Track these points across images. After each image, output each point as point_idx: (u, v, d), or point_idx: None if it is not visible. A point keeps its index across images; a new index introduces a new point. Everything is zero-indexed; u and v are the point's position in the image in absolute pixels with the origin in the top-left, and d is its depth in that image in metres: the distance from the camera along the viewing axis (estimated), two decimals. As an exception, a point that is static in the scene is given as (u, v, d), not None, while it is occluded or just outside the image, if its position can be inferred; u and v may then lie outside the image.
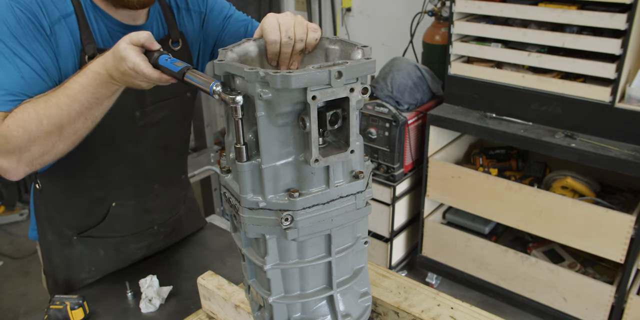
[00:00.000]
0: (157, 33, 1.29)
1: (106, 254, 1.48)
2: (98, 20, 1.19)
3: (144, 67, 0.97)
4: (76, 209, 1.41)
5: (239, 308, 1.13)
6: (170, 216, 1.57)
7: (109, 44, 1.19)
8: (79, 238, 1.43)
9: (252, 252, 0.95)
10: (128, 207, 1.43)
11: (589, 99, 2.25)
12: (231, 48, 0.95)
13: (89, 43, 1.16)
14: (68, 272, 1.47)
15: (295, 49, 0.99)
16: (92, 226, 1.43)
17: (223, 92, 0.85)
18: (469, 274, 2.80)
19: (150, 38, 0.99)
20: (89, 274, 1.48)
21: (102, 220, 1.42)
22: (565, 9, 2.18)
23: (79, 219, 1.42)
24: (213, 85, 0.87)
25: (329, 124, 0.81)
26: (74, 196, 1.39)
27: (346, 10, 3.68)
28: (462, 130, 2.56)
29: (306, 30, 0.99)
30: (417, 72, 2.75)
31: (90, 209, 1.41)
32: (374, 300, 1.19)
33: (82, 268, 1.47)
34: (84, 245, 1.45)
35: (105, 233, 1.45)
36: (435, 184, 2.72)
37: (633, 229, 2.17)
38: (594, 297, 2.40)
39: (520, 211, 2.48)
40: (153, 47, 1.00)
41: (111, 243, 1.47)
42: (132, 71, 0.98)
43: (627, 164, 2.11)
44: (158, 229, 1.55)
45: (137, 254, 1.54)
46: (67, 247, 1.44)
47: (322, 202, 0.85)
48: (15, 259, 3.38)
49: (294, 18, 1.00)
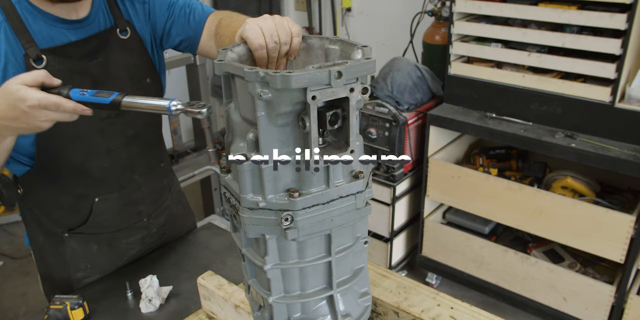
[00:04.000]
0: (104, 23, 1.29)
1: (100, 249, 1.47)
2: (37, 20, 1.18)
3: (55, 99, 0.93)
4: (60, 207, 1.40)
5: (239, 308, 1.13)
6: (157, 206, 1.56)
7: (50, 44, 1.19)
8: (70, 235, 1.42)
9: (252, 252, 0.95)
10: (112, 201, 1.42)
11: (589, 99, 2.25)
12: (231, 48, 0.95)
13: (30, 46, 1.15)
14: (64, 272, 1.46)
15: (281, 52, 0.98)
16: (80, 224, 1.42)
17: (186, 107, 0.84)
18: (469, 274, 2.80)
19: (48, 76, 0.96)
20: (86, 272, 1.48)
21: (88, 216, 1.41)
22: (565, 9, 2.18)
23: (66, 217, 1.41)
24: (170, 104, 0.85)
25: (329, 124, 0.81)
26: (56, 195, 1.38)
27: (346, 10, 3.68)
28: (462, 130, 2.56)
29: (289, 33, 0.97)
30: (417, 72, 2.75)
31: (74, 206, 1.40)
32: (374, 300, 1.19)
33: (78, 266, 1.46)
34: (76, 242, 1.44)
35: (95, 230, 1.44)
36: (435, 184, 2.72)
37: (633, 229, 2.17)
38: (594, 297, 2.40)
39: (520, 211, 2.48)
40: (53, 83, 0.97)
41: (103, 238, 1.46)
42: (34, 110, 0.93)
43: (627, 164, 2.11)
44: (148, 221, 1.54)
45: (132, 249, 1.54)
46: (59, 245, 1.43)
47: (322, 202, 0.85)
48: (15, 259, 3.38)
49: (274, 20, 0.98)
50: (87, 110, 0.98)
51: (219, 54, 0.91)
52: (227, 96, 0.93)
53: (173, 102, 0.87)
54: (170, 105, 0.86)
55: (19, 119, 0.95)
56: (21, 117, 0.95)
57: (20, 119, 0.95)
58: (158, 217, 1.57)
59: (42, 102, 0.93)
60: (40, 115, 0.95)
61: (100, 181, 1.38)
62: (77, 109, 0.97)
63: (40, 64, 1.16)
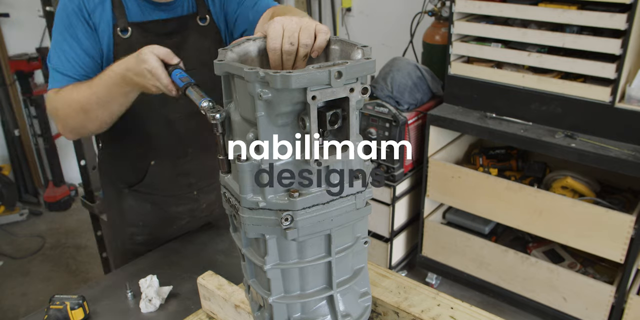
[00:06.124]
0: (187, 8, 1.43)
1: (152, 209, 1.63)
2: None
3: (160, 71, 1.13)
4: (124, 164, 1.59)
5: (239, 308, 1.13)
6: (209, 183, 1.65)
7: (138, 18, 1.37)
8: (129, 191, 1.61)
9: (252, 252, 0.95)
10: (165, 167, 1.56)
11: (589, 99, 2.25)
12: (231, 48, 0.95)
13: (121, 17, 1.34)
14: (121, 225, 1.66)
15: (298, 54, 0.97)
16: (137, 182, 1.59)
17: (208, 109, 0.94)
18: (469, 274, 2.80)
19: (170, 54, 1.15)
20: (138, 228, 1.64)
21: (143, 176, 1.57)
22: (565, 9, 2.18)
23: (127, 173, 1.59)
24: (202, 102, 0.98)
25: (329, 124, 0.81)
26: (121, 152, 1.57)
27: (346, 10, 3.68)
28: (462, 130, 2.56)
29: (313, 35, 0.96)
30: (417, 72, 2.75)
31: (134, 165, 1.57)
32: (374, 300, 1.19)
33: (133, 221, 1.64)
34: (133, 199, 1.62)
35: (149, 190, 1.60)
36: (435, 184, 2.72)
37: (633, 229, 2.17)
38: (594, 297, 2.40)
39: (520, 211, 2.48)
40: (172, 61, 1.15)
41: (156, 201, 1.62)
42: (148, 73, 1.13)
43: (627, 164, 2.11)
44: (198, 195, 1.65)
45: (181, 219, 1.66)
46: (121, 198, 1.63)
47: (322, 202, 0.85)
48: (15, 259, 3.39)
49: (300, 22, 0.96)
50: (174, 91, 1.14)
51: (219, 54, 0.91)
52: (227, 96, 0.93)
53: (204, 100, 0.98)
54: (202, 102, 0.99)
55: (138, 75, 1.15)
56: (140, 74, 1.15)
57: (139, 76, 1.15)
58: (208, 193, 1.67)
59: (152, 70, 1.12)
60: (150, 78, 1.14)
61: (157, 147, 1.53)
62: (168, 87, 1.14)
63: (125, 34, 1.35)
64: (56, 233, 3.67)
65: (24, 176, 3.91)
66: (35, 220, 3.80)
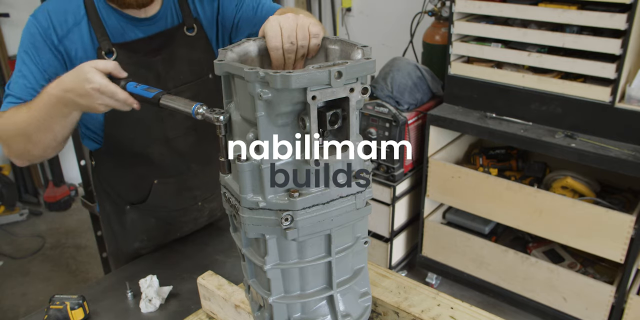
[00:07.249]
0: (172, 21, 1.37)
1: (157, 223, 1.59)
2: (110, 16, 1.29)
3: (112, 88, 1.05)
4: (124, 183, 1.54)
5: (239, 308, 1.13)
6: (212, 192, 1.63)
7: (121, 38, 1.31)
8: (132, 207, 1.55)
9: (252, 252, 0.95)
10: (169, 185, 1.52)
11: (589, 99, 2.25)
12: (231, 48, 0.95)
13: (103, 39, 1.27)
14: (124, 240, 1.60)
15: (298, 54, 0.98)
16: (141, 201, 1.54)
17: (207, 112, 0.91)
18: (469, 274, 2.80)
19: (118, 67, 1.08)
20: (142, 243, 1.60)
21: (147, 196, 1.52)
22: (565, 9, 2.18)
23: (128, 193, 1.54)
24: (195, 108, 0.94)
25: (329, 124, 0.81)
26: (120, 173, 1.52)
27: (346, 10, 3.68)
28: (462, 130, 2.56)
29: (308, 35, 0.97)
30: (417, 72, 2.75)
31: (135, 185, 1.52)
32: (374, 300, 1.19)
33: (136, 237, 1.59)
34: (136, 214, 1.56)
35: (154, 208, 1.56)
36: (435, 184, 2.72)
37: (633, 229, 2.17)
38: (594, 297, 2.40)
39: (520, 211, 2.48)
40: (120, 75, 1.08)
41: (161, 216, 1.58)
42: (95, 92, 1.05)
43: (627, 164, 2.11)
44: (202, 205, 1.63)
45: (184, 227, 1.64)
46: (122, 215, 1.57)
47: (322, 202, 0.85)
48: (15, 259, 3.39)
49: (296, 20, 0.97)
50: (135, 104, 1.09)
51: (219, 54, 0.91)
52: (227, 96, 0.93)
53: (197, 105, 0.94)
54: (194, 110, 0.94)
55: (82, 96, 1.07)
56: (84, 95, 1.06)
57: (84, 97, 1.07)
58: (212, 201, 1.65)
59: (101, 88, 1.05)
60: (98, 98, 1.06)
61: (160, 166, 1.48)
62: (128, 101, 1.07)
63: (111, 56, 1.28)
64: (56, 233, 3.67)
65: (24, 176, 3.91)
66: (35, 220, 3.80)
